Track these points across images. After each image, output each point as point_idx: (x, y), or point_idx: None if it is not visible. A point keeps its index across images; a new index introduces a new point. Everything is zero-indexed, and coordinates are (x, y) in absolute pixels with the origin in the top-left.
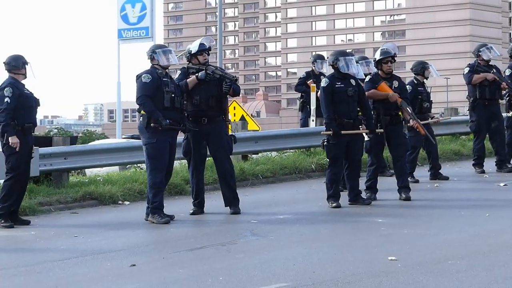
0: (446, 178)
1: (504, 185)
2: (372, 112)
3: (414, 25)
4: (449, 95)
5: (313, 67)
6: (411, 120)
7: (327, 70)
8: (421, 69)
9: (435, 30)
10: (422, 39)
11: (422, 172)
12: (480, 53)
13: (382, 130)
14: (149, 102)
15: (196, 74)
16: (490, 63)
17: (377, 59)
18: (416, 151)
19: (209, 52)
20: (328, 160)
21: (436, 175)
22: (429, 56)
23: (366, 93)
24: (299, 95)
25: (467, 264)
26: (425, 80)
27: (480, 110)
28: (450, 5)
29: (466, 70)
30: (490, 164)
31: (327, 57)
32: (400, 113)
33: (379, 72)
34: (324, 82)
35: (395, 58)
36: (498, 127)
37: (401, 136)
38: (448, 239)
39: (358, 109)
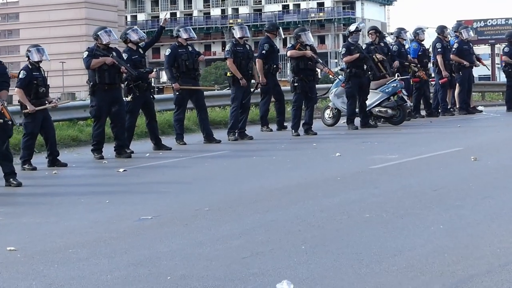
0: (65, 165)
1: (124, 170)
2: None
3: (28, 8)
4: (65, 80)
5: None
6: None
7: None
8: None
9: (50, 12)
10: (37, 22)
11: (39, 159)
12: (99, 36)
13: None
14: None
15: None
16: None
17: None
18: (32, 137)
19: None
20: None
21: (54, 161)
22: (45, 39)
23: None
24: None
25: (88, 252)
26: (41, 65)
27: (101, 94)
28: None
29: (85, 54)
30: (109, 149)
31: None
32: None
33: None
34: None
35: None
36: (119, 112)
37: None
38: (69, 227)
39: None
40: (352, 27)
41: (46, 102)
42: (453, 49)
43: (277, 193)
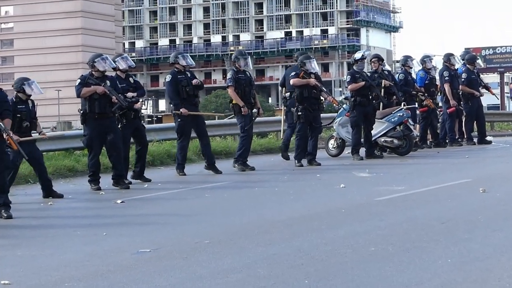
0: (61, 196)
1: (121, 202)
2: None
3: (23, 34)
4: (61, 108)
5: None
6: (4, 135)
7: None
8: (20, 86)
9: (46, 39)
10: (32, 49)
11: (35, 190)
12: (95, 64)
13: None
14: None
15: None
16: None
17: None
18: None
19: None
20: None
21: (49, 192)
22: (40, 67)
23: None
24: None
25: (85, 286)
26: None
27: (92, 124)
28: (61, 13)
29: (77, 82)
30: (106, 180)
31: None
32: None
33: None
34: None
35: None
36: (113, 141)
37: (3, 151)
38: (65, 260)
39: None
40: (357, 55)
41: (37, 133)
42: (462, 80)
43: (279, 225)
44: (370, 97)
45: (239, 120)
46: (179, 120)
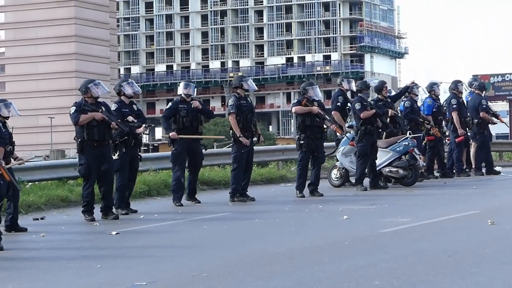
0: (24, 230)
1: (117, 233)
2: None
3: (14, 60)
4: (54, 136)
5: None
6: None
7: None
8: None
9: (38, 65)
10: (24, 75)
11: (26, 221)
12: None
13: None
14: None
15: None
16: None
17: None
18: None
19: None
20: None
21: (13, 226)
22: (32, 93)
23: None
24: None
25: None
26: (6, 121)
27: (90, 152)
28: (54, 38)
29: (73, 109)
30: (99, 211)
31: None
32: None
33: None
34: None
35: None
36: (107, 170)
37: None
38: None
39: None
40: (373, 84)
41: (12, 159)
42: (484, 106)
43: (280, 258)
44: (376, 125)
45: (234, 149)
46: (173, 149)
